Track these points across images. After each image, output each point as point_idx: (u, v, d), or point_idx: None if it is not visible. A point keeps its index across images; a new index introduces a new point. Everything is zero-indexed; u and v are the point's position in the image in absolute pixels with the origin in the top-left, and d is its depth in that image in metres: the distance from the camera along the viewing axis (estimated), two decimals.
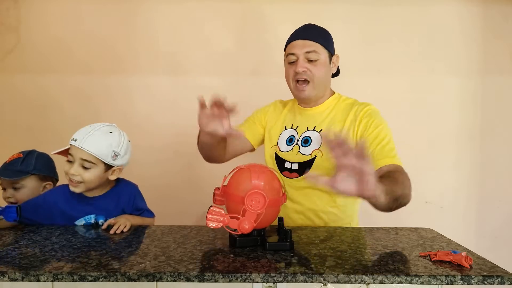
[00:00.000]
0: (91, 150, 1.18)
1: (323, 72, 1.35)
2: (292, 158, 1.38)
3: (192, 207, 2.13)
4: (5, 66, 2.18)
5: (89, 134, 1.19)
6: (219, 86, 2.22)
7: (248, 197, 0.94)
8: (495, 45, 2.19)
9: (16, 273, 0.81)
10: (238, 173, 1.03)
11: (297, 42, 1.35)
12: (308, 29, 1.39)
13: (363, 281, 0.81)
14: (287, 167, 1.38)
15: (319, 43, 1.34)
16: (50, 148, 1.34)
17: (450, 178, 2.24)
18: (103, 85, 2.19)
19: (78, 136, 1.20)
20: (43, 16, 2.18)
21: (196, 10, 2.18)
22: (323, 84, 1.38)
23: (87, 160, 1.19)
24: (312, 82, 1.35)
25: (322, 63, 1.34)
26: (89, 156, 1.19)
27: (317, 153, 1.34)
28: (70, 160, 1.21)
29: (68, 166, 1.21)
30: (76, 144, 1.18)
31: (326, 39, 1.37)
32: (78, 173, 1.19)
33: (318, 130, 1.38)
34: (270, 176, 1.02)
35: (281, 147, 1.42)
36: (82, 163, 1.19)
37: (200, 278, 0.80)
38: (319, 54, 1.33)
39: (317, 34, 1.37)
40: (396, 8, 2.18)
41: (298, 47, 1.34)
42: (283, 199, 1.03)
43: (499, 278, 0.81)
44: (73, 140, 1.19)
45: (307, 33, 1.37)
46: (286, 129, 1.45)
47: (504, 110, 2.22)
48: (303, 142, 1.38)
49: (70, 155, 1.20)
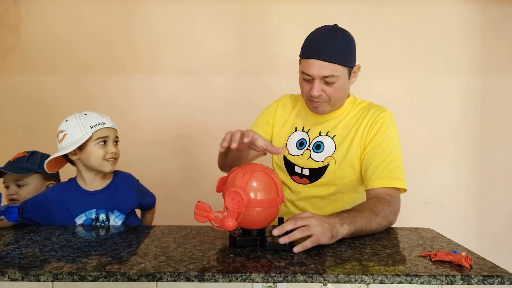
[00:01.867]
0: (116, 127, 1.32)
1: (341, 91, 1.27)
2: (302, 163, 1.33)
3: (192, 207, 2.13)
4: (5, 66, 2.19)
5: (102, 115, 1.30)
6: (219, 86, 2.23)
7: (228, 195, 0.94)
8: (495, 45, 2.19)
9: (16, 273, 0.81)
10: (237, 170, 1.03)
11: (313, 62, 1.21)
12: (326, 45, 1.21)
13: (363, 281, 0.81)
14: (297, 172, 1.34)
15: (338, 63, 1.20)
16: (50, 148, 1.34)
17: (450, 178, 2.24)
18: (103, 85, 2.20)
19: (103, 119, 1.28)
20: (43, 16, 2.19)
21: (196, 10, 2.18)
22: (341, 98, 1.31)
23: (116, 136, 1.32)
24: (328, 102, 1.28)
25: (340, 83, 1.24)
26: (116, 132, 1.32)
27: (330, 160, 1.29)
28: (105, 141, 1.27)
29: (105, 148, 1.26)
30: (108, 125, 1.28)
31: (346, 54, 1.23)
32: (116, 150, 1.29)
33: (331, 136, 1.32)
34: (262, 177, 1.00)
35: (290, 150, 1.37)
36: (115, 141, 1.31)
37: (200, 278, 0.80)
38: (338, 76, 1.21)
39: (336, 51, 1.21)
40: (396, 8, 2.18)
41: (315, 69, 1.21)
42: (279, 199, 1.02)
43: (499, 278, 0.81)
44: (100, 125, 1.26)
45: (325, 52, 1.20)
46: (297, 131, 1.39)
47: (504, 110, 2.22)
48: (315, 147, 1.33)
49: (102, 139, 1.26)
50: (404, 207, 1.24)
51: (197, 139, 2.21)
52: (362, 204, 1.14)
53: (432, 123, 2.21)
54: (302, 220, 0.96)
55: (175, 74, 2.21)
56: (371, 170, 1.24)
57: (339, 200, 1.31)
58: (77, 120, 1.25)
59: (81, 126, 1.24)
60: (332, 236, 0.98)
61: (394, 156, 1.24)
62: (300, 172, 1.34)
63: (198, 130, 2.20)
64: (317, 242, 0.95)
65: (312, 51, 1.23)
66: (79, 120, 1.25)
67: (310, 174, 1.32)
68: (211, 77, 2.21)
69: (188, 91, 2.22)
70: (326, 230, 0.96)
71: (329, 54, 1.20)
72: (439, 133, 2.22)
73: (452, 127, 2.23)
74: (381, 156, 1.24)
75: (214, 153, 2.20)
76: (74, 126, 1.24)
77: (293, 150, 1.37)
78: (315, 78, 1.22)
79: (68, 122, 1.26)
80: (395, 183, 1.21)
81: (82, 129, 1.23)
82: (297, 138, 1.38)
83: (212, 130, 2.21)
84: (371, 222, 1.08)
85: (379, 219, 1.10)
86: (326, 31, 1.25)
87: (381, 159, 1.23)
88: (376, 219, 1.09)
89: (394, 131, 1.29)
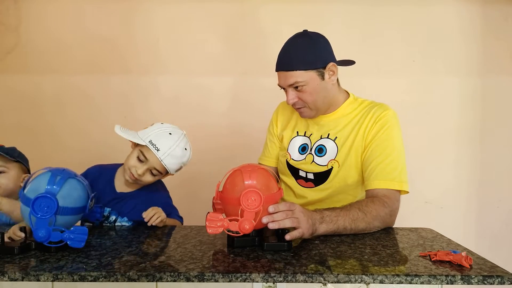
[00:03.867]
0: (168, 166, 1.24)
1: (317, 94, 1.27)
2: (306, 168, 1.34)
3: (192, 207, 2.13)
4: (5, 66, 2.18)
5: (172, 150, 1.22)
6: (218, 86, 2.23)
7: (243, 196, 0.94)
8: (495, 45, 2.19)
9: (16, 273, 0.81)
10: (231, 177, 1.03)
11: (279, 75, 1.28)
12: (286, 55, 1.26)
13: (363, 281, 0.81)
14: (302, 176, 1.35)
15: (300, 69, 1.23)
16: (50, 148, 1.34)
17: (450, 178, 2.24)
18: (103, 85, 2.19)
19: (161, 147, 1.21)
20: (43, 16, 2.19)
21: (195, 10, 2.18)
22: (322, 100, 1.30)
23: (158, 170, 1.25)
24: (307, 106, 1.29)
25: (311, 87, 1.25)
26: (162, 168, 1.24)
27: (333, 163, 1.29)
28: (141, 160, 1.24)
29: (137, 164, 1.24)
30: (158, 155, 1.21)
31: (307, 58, 1.23)
32: (144, 175, 1.24)
33: (332, 138, 1.32)
34: (262, 174, 1.02)
35: (292, 155, 1.38)
36: (152, 170, 1.25)
37: (200, 278, 0.80)
38: (304, 81, 1.23)
39: (295, 59, 1.23)
40: (396, 8, 2.18)
41: (282, 80, 1.27)
42: (278, 194, 1.03)
43: (499, 278, 0.81)
44: (153, 146, 1.21)
45: (285, 62, 1.25)
46: (298, 136, 1.40)
47: (504, 110, 2.22)
48: (317, 151, 1.33)
49: (144, 156, 1.23)
50: (404, 207, 1.24)
51: (197, 139, 2.21)
52: (352, 203, 1.15)
53: (432, 123, 2.21)
54: (292, 213, 1.00)
55: (175, 74, 2.21)
56: (370, 170, 1.24)
57: (343, 201, 1.30)
58: (154, 129, 1.25)
59: (149, 134, 1.23)
60: (312, 233, 1.03)
61: (394, 156, 1.23)
62: (305, 176, 1.34)
63: (198, 130, 2.20)
64: (301, 235, 1.00)
65: (277, 64, 1.29)
66: (156, 130, 1.25)
67: (315, 178, 1.32)
68: (211, 77, 2.21)
69: (188, 91, 2.22)
70: (310, 226, 1.01)
71: (288, 63, 1.24)
72: (439, 133, 2.22)
73: (452, 127, 2.23)
74: (380, 156, 1.23)
75: (213, 152, 2.21)
76: (151, 128, 1.26)
77: (296, 155, 1.37)
78: (285, 87, 1.28)
79: (154, 125, 1.27)
80: (393, 185, 1.20)
81: (147, 136, 1.23)
82: (299, 143, 1.38)
83: (211, 130, 2.21)
84: (358, 222, 1.09)
85: (368, 219, 1.11)
86: (288, 40, 1.29)
87: (380, 160, 1.23)
88: (365, 218, 1.10)
89: (396, 131, 1.27)
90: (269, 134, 1.51)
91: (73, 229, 0.95)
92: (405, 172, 1.24)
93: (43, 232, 0.92)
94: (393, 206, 1.18)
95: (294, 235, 0.98)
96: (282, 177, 1.43)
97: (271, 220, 0.96)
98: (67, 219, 0.99)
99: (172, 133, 1.25)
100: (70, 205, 0.99)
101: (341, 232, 1.08)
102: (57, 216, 0.95)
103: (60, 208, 0.95)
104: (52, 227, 0.93)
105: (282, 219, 0.97)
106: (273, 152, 1.47)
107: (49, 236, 0.92)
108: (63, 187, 0.98)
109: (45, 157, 1.96)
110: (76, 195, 1.01)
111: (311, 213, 1.05)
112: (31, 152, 1.49)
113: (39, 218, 0.92)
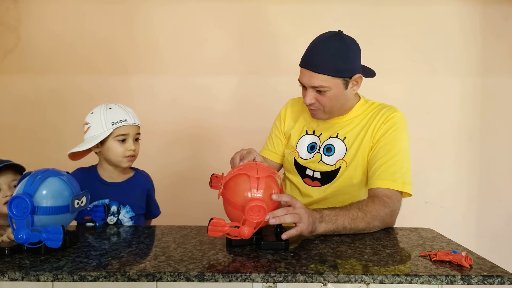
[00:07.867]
0: (139, 122, 1.31)
1: (336, 101, 1.25)
2: (313, 167, 1.33)
3: (192, 207, 2.14)
4: (5, 66, 2.18)
5: (127, 110, 1.29)
6: (219, 86, 2.23)
7: (249, 209, 0.94)
8: (495, 45, 2.19)
9: (16, 273, 0.81)
10: (237, 179, 1.01)
11: (304, 72, 1.23)
12: (318, 55, 1.20)
13: (363, 281, 0.81)
14: (309, 175, 1.34)
15: (328, 74, 1.19)
16: (50, 148, 1.34)
17: (450, 178, 2.24)
18: (103, 85, 2.19)
19: (123, 116, 1.26)
20: (43, 16, 2.19)
21: (196, 10, 2.18)
22: (339, 107, 1.29)
23: (138, 133, 1.31)
24: (323, 110, 1.28)
25: (333, 93, 1.23)
26: (138, 128, 1.31)
27: (341, 163, 1.29)
28: (124, 140, 1.26)
29: (125, 145, 1.27)
30: (129, 123, 1.26)
31: (339, 65, 1.19)
32: (136, 146, 1.29)
33: (341, 138, 1.32)
34: (268, 184, 1.00)
35: (301, 153, 1.37)
36: (135, 137, 1.30)
37: (200, 278, 0.80)
38: (329, 86, 1.20)
39: (326, 63, 1.19)
40: (396, 8, 2.18)
41: (305, 78, 1.23)
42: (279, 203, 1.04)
43: (499, 278, 0.81)
44: (120, 122, 1.25)
45: (315, 62, 1.20)
46: (307, 134, 1.39)
47: (504, 110, 2.22)
48: (325, 150, 1.33)
49: (122, 135, 1.26)
50: (404, 207, 1.24)
51: (196, 139, 2.21)
52: (353, 203, 1.15)
53: (432, 123, 2.21)
54: (294, 209, 1.00)
55: (175, 75, 2.21)
56: (374, 169, 1.24)
57: (347, 201, 1.30)
58: (101, 115, 1.25)
59: (103, 121, 1.24)
60: (311, 231, 1.02)
61: (399, 158, 1.23)
62: (312, 175, 1.34)
63: (198, 130, 2.20)
64: (300, 232, 0.99)
65: (304, 60, 1.24)
66: (102, 114, 1.25)
67: (321, 177, 1.32)
68: (211, 78, 2.21)
69: (189, 91, 2.22)
70: (309, 224, 1.01)
71: (319, 65, 1.20)
72: (439, 133, 2.22)
73: (452, 127, 2.23)
74: (385, 156, 1.24)
75: (213, 152, 2.21)
76: (97, 120, 1.25)
77: (304, 154, 1.37)
78: (306, 87, 1.24)
79: (93, 114, 1.27)
80: (395, 185, 1.20)
81: (104, 125, 1.23)
82: (308, 141, 1.38)
83: (212, 130, 2.21)
84: (357, 221, 1.09)
85: (368, 219, 1.11)
86: (323, 39, 1.24)
87: (385, 160, 1.23)
88: (364, 218, 1.10)
89: (403, 133, 1.28)
90: (275, 129, 1.49)
91: (49, 228, 0.91)
92: (409, 174, 1.24)
93: (22, 233, 0.90)
94: (394, 206, 1.18)
95: (291, 233, 0.97)
96: (288, 175, 1.43)
97: (271, 216, 0.96)
98: (51, 219, 0.95)
99: (110, 107, 1.28)
100: (49, 204, 0.95)
101: (340, 232, 1.08)
102: (37, 216, 0.92)
103: (37, 208, 0.92)
104: (30, 228, 0.91)
105: (283, 215, 0.97)
106: (277, 147, 1.47)
107: (28, 237, 0.90)
108: (41, 186, 0.94)
109: (45, 157, 1.97)
110: (56, 194, 0.96)
111: (311, 211, 1.05)
112: (31, 152, 1.49)
113: (17, 220, 0.91)
